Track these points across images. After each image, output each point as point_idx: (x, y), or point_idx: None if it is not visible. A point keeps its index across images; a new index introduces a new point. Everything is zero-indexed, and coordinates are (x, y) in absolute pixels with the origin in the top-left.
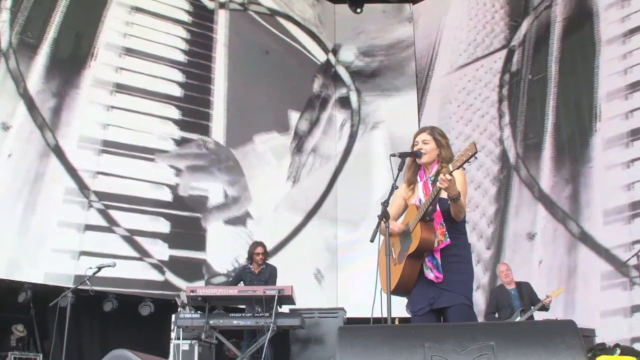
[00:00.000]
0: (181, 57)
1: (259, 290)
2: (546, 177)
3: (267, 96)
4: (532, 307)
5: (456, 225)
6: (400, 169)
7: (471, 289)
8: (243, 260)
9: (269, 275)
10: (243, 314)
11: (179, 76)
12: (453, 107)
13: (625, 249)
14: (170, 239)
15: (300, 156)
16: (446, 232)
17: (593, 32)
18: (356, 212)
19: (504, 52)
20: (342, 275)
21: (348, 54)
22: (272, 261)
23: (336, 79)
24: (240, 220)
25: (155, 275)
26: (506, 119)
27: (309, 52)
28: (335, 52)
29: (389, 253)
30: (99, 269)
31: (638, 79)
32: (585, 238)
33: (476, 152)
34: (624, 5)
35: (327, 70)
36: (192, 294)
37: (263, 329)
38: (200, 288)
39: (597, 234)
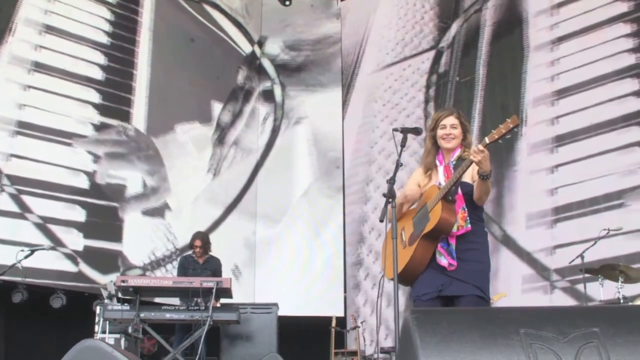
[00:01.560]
0: (104, 39)
1: (195, 282)
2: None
3: (190, 85)
4: None
5: (476, 211)
6: (402, 145)
7: (487, 281)
8: (160, 253)
9: (215, 267)
10: (176, 307)
11: (101, 59)
12: (378, 105)
13: (547, 253)
14: (86, 229)
15: (221, 148)
16: (467, 218)
17: (522, 37)
18: (276, 209)
19: (432, 53)
20: (260, 273)
21: (274, 47)
22: None
23: (261, 72)
24: (158, 212)
25: (69, 266)
26: None
27: (234, 42)
28: (261, 44)
29: (395, 235)
30: (32, 252)
31: (565, 86)
32: (507, 241)
33: (518, 125)
34: (553, 13)
35: (252, 62)
36: (123, 283)
37: (198, 323)
38: (132, 278)
39: (519, 237)
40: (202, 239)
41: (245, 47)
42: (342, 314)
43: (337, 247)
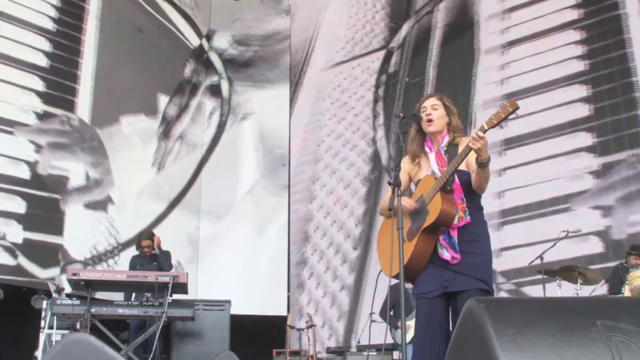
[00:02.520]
0: (49, 25)
1: (150, 276)
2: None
3: (137, 76)
4: None
5: (475, 200)
6: (404, 132)
7: (490, 273)
8: (102, 247)
9: (162, 258)
10: (130, 302)
11: (46, 45)
12: (326, 104)
13: (493, 255)
14: (26, 221)
15: (166, 142)
16: (466, 209)
17: (473, 40)
18: (220, 205)
19: (382, 53)
20: (203, 270)
21: (222, 41)
22: (131, 251)
23: (208, 66)
24: (101, 205)
25: (7, 259)
26: (380, 119)
27: (182, 35)
28: (209, 37)
29: (401, 225)
30: None
31: (514, 90)
32: None
33: (517, 109)
34: (504, 18)
35: (200, 56)
36: (74, 277)
37: (153, 319)
38: (84, 271)
39: None
40: (150, 237)
41: (193, 40)
42: (284, 313)
43: (282, 245)
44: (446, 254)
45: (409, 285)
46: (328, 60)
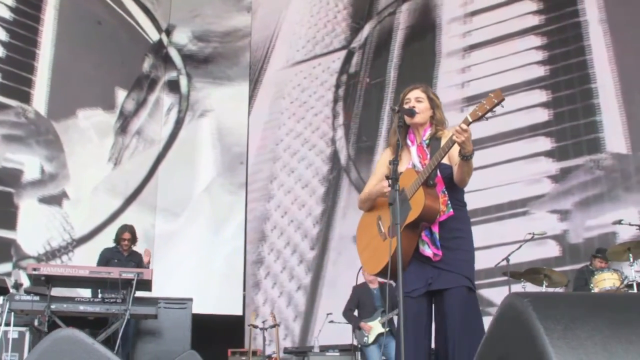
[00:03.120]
0: (6, 14)
1: (113, 272)
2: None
3: (95, 69)
4: (393, 311)
5: (457, 195)
6: (400, 125)
7: (473, 269)
8: (56, 243)
9: (139, 261)
10: (91, 299)
11: (2, 34)
12: (286, 102)
13: None
14: None
15: (123, 137)
16: (448, 202)
17: (434, 43)
18: (177, 202)
19: (343, 53)
20: (158, 267)
21: (182, 37)
22: (86, 247)
23: (167, 61)
24: (56, 200)
25: None
26: (340, 119)
27: (142, 28)
28: (168, 32)
29: (398, 220)
30: None
31: (475, 94)
32: None
33: (503, 100)
34: (466, 21)
35: (159, 51)
36: (34, 272)
37: (116, 317)
38: (45, 266)
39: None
40: (131, 231)
41: (153, 35)
42: (240, 313)
43: (238, 244)
44: (427, 251)
45: (371, 285)
46: (288, 59)
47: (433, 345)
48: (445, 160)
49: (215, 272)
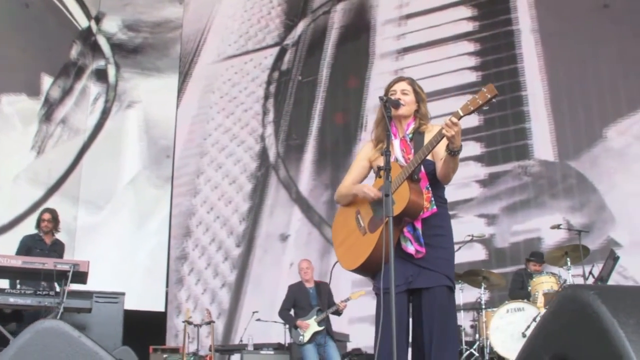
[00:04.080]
0: None
1: (48, 263)
2: (305, 179)
3: (20, 53)
4: (328, 309)
5: (439, 191)
6: (389, 117)
7: (453, 268)
8: None
9: (62, 252)
10: (22, 290)
11: None
12: (215, 97)
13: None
14: None
15: (48, 125)
16: (432, 199)
17: (368, 44)
18: (100, 194)
19: (276, 50)
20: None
21: (111, 25)
22: (5, 237)
23: (95, 49)
24: None
25: None
26: (270, 116)
27: (70, 14)
28: (98, 20)
29: (391, 213)
30: None
31: None
32: None
33: (496, 95)
34: (400, 24)
35: (88, 38)
36: None
37: (49, 310)
38: None
39: None
40: (52, 212)
41: (82, 21)
42: (162, 309)
43: (162, 239)
44: (410, 247)
45: (307, 284)
46: (220, 53)
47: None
48: (429, 157)
49: (138, 267)
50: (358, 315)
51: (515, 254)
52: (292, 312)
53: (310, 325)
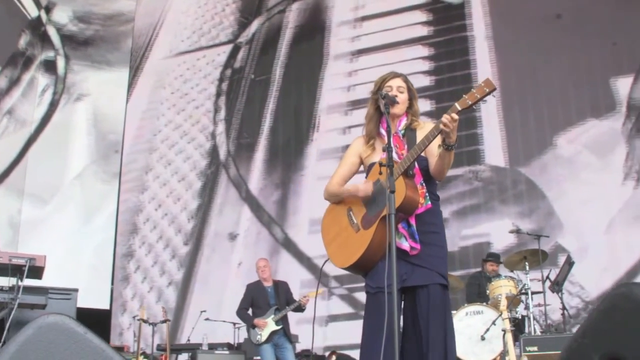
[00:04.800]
0: None
1: (3, 257)
2: (256, 178)
3: None
4: (287, 307)
5: (432, 188)
6: (387, 112)
7: (447, 266)
8: None
9: None
10: None
11: None
12: (166, 92)
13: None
14: None
15: None
16: (426, 194)
17: (323, 45)
18: (46, 188)
19: (229, 47)
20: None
21: (62, 15)
22: None
23: (45, 40)
24: None
25: None
26: (222, 114)
27: (20, 2)
28: (48, 10)
29: (393, 210)
30: None
31: (360, 98)
32: (288, 244)
33: (494, 89)
34: (355, 26)
35: (37, 28)
36: None
37: (1, 306)
38: None
39: (301, 241)
40: None
41: (32, 10)
42: (106, 307)
43: (108, 235)
44: (405, 244)
45: (266, 283)
46: (172, 49)
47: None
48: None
49: (83, 263)
50: (307, 316)
51: (464, 257)
52: (250, 312)
53: (268, 324)
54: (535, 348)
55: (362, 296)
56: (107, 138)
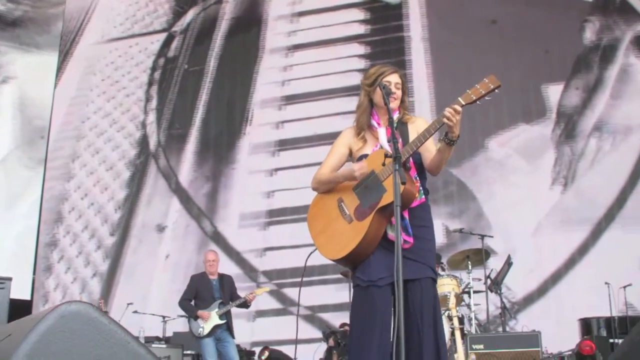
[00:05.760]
0: None
1: None
2: (186, 170)
3: None
4: (232, 302)
5: (424, 182)
6: (387, 104)
7: (435, 260)
8: None
9: None
10: None
11: None
12: (97, 79)
13: (257, 254)
14: None
15: None
16: (421, 188)
17: (259, 38)
18: None
19: (163, 36)
20: None
21: None
22: None
23: None
24: None
25: None
26: (153, 103)
27: None
28: None
29: (398, 202)
30: None
31: (294, 93)
32: (217, 238)
33: (499, 86)
34: (292, 21)
35: None
36: None
37: None
38: None
39: (230, 235)
40: None
41: None
42: (27, 297)
43: (31, 223)
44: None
45: (211, 276)
46: (104, 34)
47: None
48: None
49: (4, 251)
50: (236, 311)
51: None
52: (192, 303)
53: (212, 317)
54: (482, 346)
55: (290, 292)
56: (33, 123)
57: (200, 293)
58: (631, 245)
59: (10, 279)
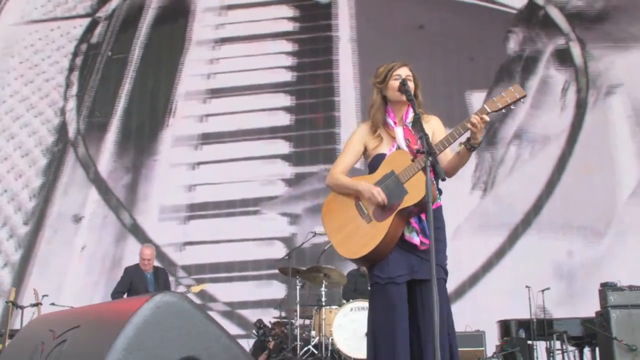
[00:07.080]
0: None
1: None
2: (106, 160)
3: None
4: None
5: (438, 184)
6: (409, 99)
7: (446, 261)
8: None
9: None
10: None
11: None
12: (14, 62)
13: (177, 248)
14: None
15: None
16: (437, 191)
17: (186, 29)
18: None
19: (86, 21)
20: None
21: None
22: None
23: None
24: None
25: None
26: (73, 90)
27: None
28: None
29: (430, 199)
30: None
31: (220, 87)
32: (136, 230)
33: (524, 96)
34: (221, 13)
35: None
36: None
37: None
38: None
39: (149, 228)
40: None
41: None
42: None
43: None
44: (415, 239)
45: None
46: (24, 15)
47: None
48: None
49: None
50: None
51: (314, 254)
52: (125, 297)
53: None
54: None
55: (212, 287)
56: None
57: (135, 286)
58: (546, 250)
59: None
